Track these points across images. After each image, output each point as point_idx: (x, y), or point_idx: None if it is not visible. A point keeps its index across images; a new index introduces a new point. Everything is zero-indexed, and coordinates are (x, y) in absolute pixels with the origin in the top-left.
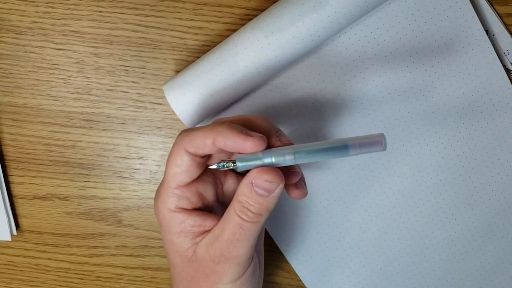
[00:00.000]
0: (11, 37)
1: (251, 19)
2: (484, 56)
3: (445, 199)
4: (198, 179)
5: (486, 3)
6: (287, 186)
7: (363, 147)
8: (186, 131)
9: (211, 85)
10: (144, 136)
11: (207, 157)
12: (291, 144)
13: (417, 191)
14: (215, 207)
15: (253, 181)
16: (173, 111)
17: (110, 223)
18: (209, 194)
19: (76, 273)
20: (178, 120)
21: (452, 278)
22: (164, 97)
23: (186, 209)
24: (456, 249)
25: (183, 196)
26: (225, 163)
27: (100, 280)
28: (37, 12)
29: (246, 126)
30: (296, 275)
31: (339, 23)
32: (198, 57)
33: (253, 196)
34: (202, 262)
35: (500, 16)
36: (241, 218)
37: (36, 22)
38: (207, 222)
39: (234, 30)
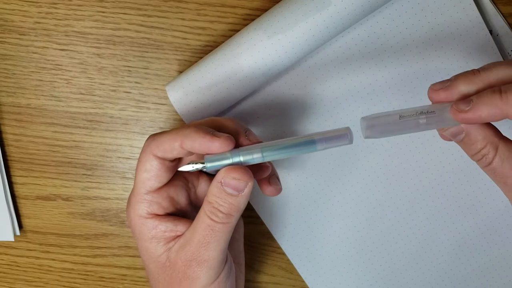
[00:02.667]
0: (14, 37)
1: (254, 20)
2: (488, 56)
3: (449, 199)
4: (169, 183)
5: (490, 3)
6: (260, 183)
7: (329, 141)
8: (153, 136)
9: (214, 85)
10: (147, 137)
11: (177, 160)
12: (260, 142)
13: (421, 192)
14: (188, 211)
15: (222, 180)
16: (176, 112)
17: (113, 223)
18: (181, 198)
19: (79, 274)
20: (181, 120)
21: (456, 278)
22: (167, 98)
23: (157, 215)
24: (460, 249)
25: (154, 202)
26: (194, 164)
27: (103, 281)
28: (40, 12)
29: (213, 127)
30: (299, 276)
31: (342, 23)
32: (201, 58)
33: (222, 196)
34: (175, 267)
35: (504, 16)
36: (211, 219)
37: (39, 22)
38: (178, 227)
39: (237, 31)
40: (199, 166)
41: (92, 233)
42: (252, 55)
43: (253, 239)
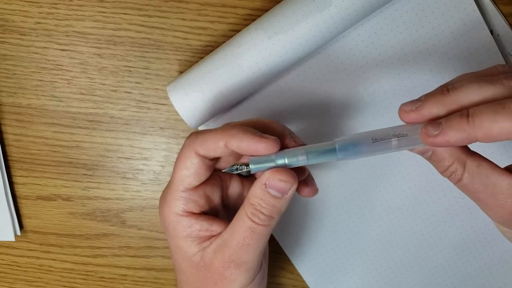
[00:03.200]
0: (15, 38)
1: (254, 20)
2: (489, 56)
3: (450, 200)
4: (205, 182)
5: (490, 3)
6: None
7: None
8: (196, 134)
9: (214, 86)
10: (148, 137)
11: (216, 159)
12: (305, 144)
13: (421, 192)
14: (220, 211)
15: (267, 182)
16: (176, 112)
17: (114, 223)
18: (216, 197)
19: (79, 274)
20: (182, 120)
21: (457, 279)
22: (167, 98)
23: (193, 213)
24: (461, 250)
25: (190, 200)
26: (238, 166)
27: (104, 281)
28: (40, 13)
29: (258, 128)
30: (300, 276)
31: (343, 23)
32: (202, 58)
33: (266, 198)
34: (211, 268)
35: (505, 16)
36: (253, 221)
37: (39, 23)
38: (214, 227)
39: (238, 31)
40: (243, 168)
41: (93, 233)
42: (253, 55)
43: None
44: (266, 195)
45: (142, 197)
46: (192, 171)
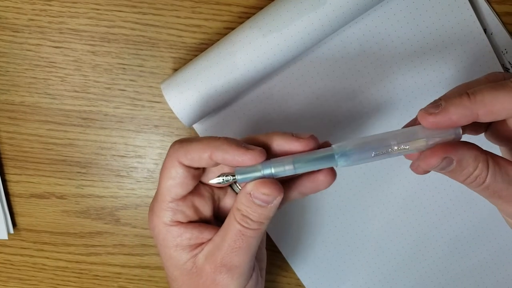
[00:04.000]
0: (8, 34)
1: (249, 18)
2: (482, 55)
3: (443, 197)
4: (194, 192)
5: (484, 2)
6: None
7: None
8: (180, 143)
9: (209, 83)
10: (142, 135)
11: (202, 169)
12: (313, 136)
13: (416, 190)
14: (212, 222)
15: (251, 192)
16: (170, 110)
17: (108, 221)
18: (206, 209)
19: (73, 272)
20: (176, 118)
21: (451, 276)
22: (161, 96)
23: (182, 222)
24: (455, 247)
25: (178, 210)
26: (224, 177)
27: (98, 279)
28: (34, 9)
29: (248, 141)
30: (295, 274)
31: (337, 22)
32: (196, 56)
33: (252, 206)
34: (203, 274)
35: (498, 15)
36: (242, 225)
37: (33, 20)
38: (204, 234)
39: (232, 28)
40: (230, 178)
41: (87, 231)
42: (248, 53)
43: None
44: (251, 204)
45: (136, 195)
46: (177, 181)
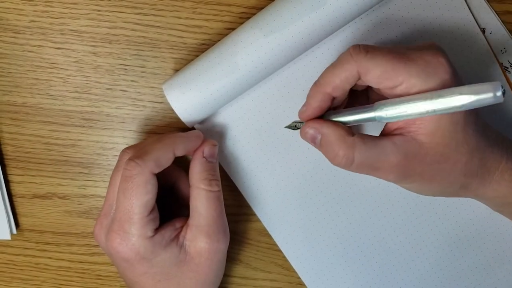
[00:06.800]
0: (9, 36)
1: (249, 18)
2: (480, 54)
3: (443, 197)
4: None
5: (483, 0)
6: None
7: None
8: (142, 157)
9: (210, 84)
10: (144, 135)
11: None
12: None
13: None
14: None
15: (205, 153)
16: (172, 110)
17: None
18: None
19: (76, 272)
20: (177, 119)
21: (450, 275)
22: (163, 96)
23: (157, 228)
24: (454, 246)
25: (155, 217)
26: (297, 123)
27: (100, 279)
28: (35, 11)
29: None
30: (296, 273)
31: (337, 22)
32: (197, 56)
33: (208, 166)
34: (195, 255)
35: (497, 14)
36: (213, 191)
37: (34, 21)
38: (176, 224)
39: (233, 29)
40: (300, 125)
41: (89, 231)
42: (249, 53)
43: (249, 236)
44: (207, 164)
45: None
46: (154, 192)
